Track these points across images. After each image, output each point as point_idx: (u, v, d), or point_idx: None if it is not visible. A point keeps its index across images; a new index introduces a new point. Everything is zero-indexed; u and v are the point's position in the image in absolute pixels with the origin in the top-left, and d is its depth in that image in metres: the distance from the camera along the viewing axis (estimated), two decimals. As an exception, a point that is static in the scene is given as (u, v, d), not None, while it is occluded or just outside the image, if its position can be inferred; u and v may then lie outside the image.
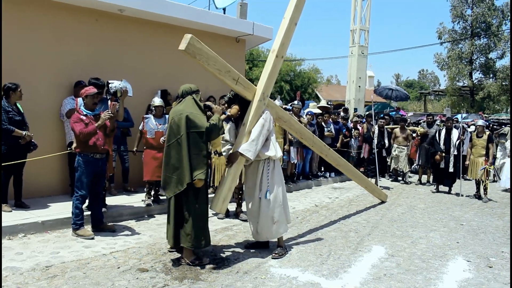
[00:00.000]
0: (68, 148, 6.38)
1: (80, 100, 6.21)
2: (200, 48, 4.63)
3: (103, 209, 6.14)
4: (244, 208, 7.15)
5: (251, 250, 5.23)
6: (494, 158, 11.57)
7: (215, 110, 4.92)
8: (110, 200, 6.91)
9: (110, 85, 5.97)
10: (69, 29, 7.45)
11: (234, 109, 5.27)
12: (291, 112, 9.72)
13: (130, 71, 8.05)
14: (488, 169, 9.71)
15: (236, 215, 6.99)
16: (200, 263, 4.63)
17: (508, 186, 11.07)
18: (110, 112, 5.58)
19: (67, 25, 7.43)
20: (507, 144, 12.10)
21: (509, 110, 37.96)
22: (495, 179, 11.82)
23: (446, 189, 10.39)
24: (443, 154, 10.10)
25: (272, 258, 4.92)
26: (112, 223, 6.12)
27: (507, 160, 11.37)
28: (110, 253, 4.95)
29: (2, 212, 5.61)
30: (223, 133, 5.00)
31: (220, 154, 6.51)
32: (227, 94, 8.18)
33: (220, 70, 4.89)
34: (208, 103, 5.25)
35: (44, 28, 7.14)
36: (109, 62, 7.91)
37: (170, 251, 5.04)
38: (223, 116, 5.08)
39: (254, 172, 5.08)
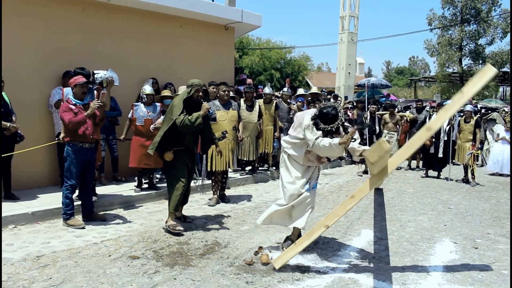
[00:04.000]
0: (56, 139, 6.36)
1: (66, 90, 6.20)
2: None
3: (94, 199, 6.14)
4: (227, 192, 7.48)
5: (242, 237, 5.27)
6: (482, 143, 11.70)
7: (202, 107, 5.40)
8: (101, 190, 6.93)
9: (95, 75, 5.95)
10: (56, 19, 7.38)
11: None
12: (281, 99, 9.76)
13: (119, 61, 8.01)
14: (475, 154, 9.83)
15: (221, 198, 7.14)
16: (174, 229, 5.24)
17: (495, 170, 11.24)
18: (99, 101, 5.56)
19: (55, 15, 7.37)
20: (495, 128, 12.25)
21: (498, 96, 38.27)
22: (483, 164, 11.95)
23: (435, 174, 10.50)
24: (433, 140, 10.18)
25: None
26: (103, 212, 6.15)
27: (495, 144, 11.51)
28: (101, 242, 4.97)
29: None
30: (199, 127, 5.34)
31: (218, 139, 6.57)
32: (215, 81, 8.25)
33: None
34: (205, 103, 5.50)
35: (32, 18, 7.07)
36: (98, 52, 7.86)
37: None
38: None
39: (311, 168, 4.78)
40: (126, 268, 4.19)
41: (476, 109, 15.24)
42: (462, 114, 10.24)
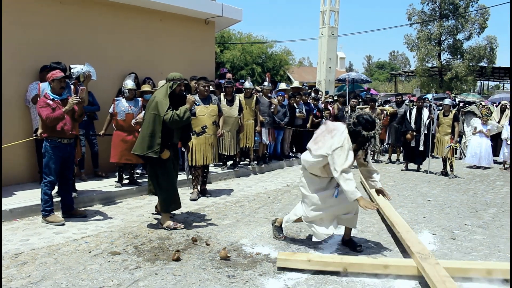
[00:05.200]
0: (34, 135, 6.26)
1: (43, 85, 6.10)
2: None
3: (73, 195, 6.08)
4: (208, 186, 7.52)
5: (224, 231, 5.28)
6: (460, 136, 11.89)
7: (187, 99, 5.29)
8: (81, 186, 6.86)
9: (72, 70, 5.86)
10: (33, 12, 7.24)
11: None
12: (261, 93, 9.76)
13: (97, 55, 7.92)
14: (454, 147, 9.99)
15: (202, 192, 7.17)
16: (175, 228, 5.25)
17: (473, 163, 11.45)
18: (78, 97, 5.49)
19: (31, 8, 7.22)
20: (472, 121, 12.46)
21: (476, 90, 38.91)
22: (461, 157, 12.16)
23: (415, 167, 10.64)
24: (414, 133, 10.30)
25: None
26: (83, 209, 6.08)
27: (472, 138, 11.72)
28: (81, 238, 4.92)
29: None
30: (188, 121, 5.33)
31: (198, 134, 6.56)
32: (197, 76, 8.21)
33: None
34: (190, 96, 5.41)
35: (8, 12, 6.91)
36: (76, 46, 7.74)
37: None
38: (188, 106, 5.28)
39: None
40: (106, 264, 4.16)
41: (454, 103, 15.48)
42: (441, 108, 10.38)
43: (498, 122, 12.25)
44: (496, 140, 11.95)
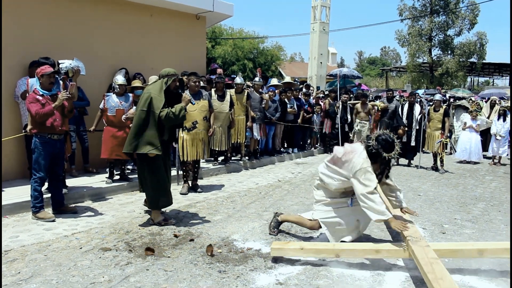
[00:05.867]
0: (24, 131, 6.20)
1: (31, 81, 6.04)
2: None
3: (64, 191, 6.05)
4: (200, 182, 7.48)
5: (215, 226, 5.28)
6: (450, 131, 11.97)
7: (183, 98, 5.25)
8: (71, 182, 6.82)
9: (60, 65, 5.80)
10: (23, 8, 7.16)
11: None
12: (252, 89, 9.75)
13: (86, 50, 7.86)
14: (444, 142, 10.07)
15: (193, 188, 7.16)
16: (166, 223, 5.23)
17: (463, 158, 11.54)
18: (68, 93, 5.44)
19: (22, 4, 7.14)
20: (462, 117, 12.54)
21: (466, 86, 39.16)
22: (451, 152, 12.24)
23: (406, 162, 10.70)
24: (406, 129, 10.34)
25: None
26: (73, 205, 6.05)
27: (462, 133, 11.80)
28: (72, 235, 4.90)
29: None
30: (183, 120, 5.31)
31: (189, 129, 6.54)
32: (188, 71, 8.19)
33: None
34: (185, 94, 5.38)
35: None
36: (66, 41, 7.67)
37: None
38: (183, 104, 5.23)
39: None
40: (97, 260, 4.15)
41: (445, 98, 15.58)
42: (431, 103, 10.44)
43: (488, 117, 12.34)
44: (485, 135, 12.05)
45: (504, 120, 11.59)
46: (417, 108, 10.37)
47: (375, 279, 3.88)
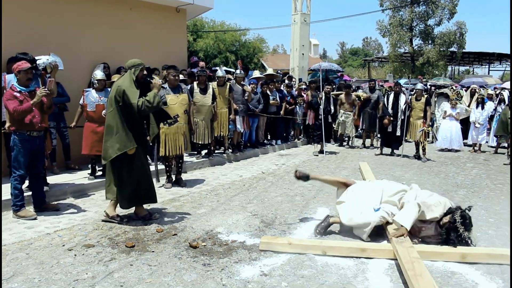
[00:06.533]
0: (2, 128, 6.08)
1: (8, 77, 5.93)
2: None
3: (45, 188, 5.96)
4: (183, 176, 7.47)
5: (199, 220, 5.27)
6: (432, 120, 12.11)
7: (153, 84, 5.02)
8: (53, 179, 6.72)
9: (37, 61, 5.69)
10: (-3, 2, 7.01)
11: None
12: (234, 81, 9.71)
13: (65, 45, 7.73)
14: (426, 131, 10.18)
15: (177, 182, 7.14)
16: (150, 218, 5.19)
17: (444, 146, 11.70)
18: (46, 89, 5.35)
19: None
20: (442, 106, 12.70)
21: (447, 75, 39.59)
22: (433, 140, 12.39)
23: (389, 151, 10.78)
24: (391, 118, 10.40)
25: None
26: (55, 202, 5.97)
27: (443, 121, 11.95)
28: (54, 232, 4.84)
29: None
30: (159, 107, 5.01)
31: (169, 124, 6.49)
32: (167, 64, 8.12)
33: None
34: (155, 78, 5.19)
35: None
36: (45, 36, 7.53)
37: None
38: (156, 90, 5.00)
39: None
40: (80, 257, 4.11)
41: (426, 87, 15.72)
42: (413, 92, 10.52)
43: (468, 105, 12.52)
44: (466, 124, 12.21)
45: (483, 108, 11.82)
46: (402, 98, 10.42)
47: (359, 267, 3.92)
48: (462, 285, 3.60)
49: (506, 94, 12.09)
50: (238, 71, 9.97)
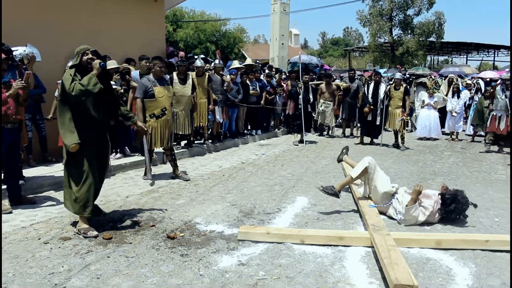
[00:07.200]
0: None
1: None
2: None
3: (21, 182, 5.86)
4: (162, 166, 7.47)
5: (178, 211, 5.25)
6: (411, 109, 12.25)
7: (93, 65, 4.40)
8: (29, 172, 6.62)
9: (14, 53, 5.58)
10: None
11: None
12: (213, 71, 9.65)
13: (40, 35, 7.57)
14: (405, 120, 10.29)
15: (178, 177, 6.96)
16: (85, 235, 4.39)
17: (423, 135, 11.85)
18: (23, 81, 5.24)
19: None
20: (420, 95, 12.84)
21: (426, 65, 40.01)
22: (412, 129, 12.54)
23: (369, 140, 10.87)
24: (371, 107, 10.46)
25: None
26: (32, 195, 5.88)
27: (422, 110, 12.11)
28: (30, 225, 4.76)
29: None
30: (95, 90, 4.29)
31: (158, 116, 6.41)
32: (146, 55, 8.05)
33: None
34: (96, 61, 4.43)
35: None
36: (20, 26, 7.36)
37: None
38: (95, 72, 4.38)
39: None
40: (57, 250, 4.06)
41: (405, 77, 15.86)
42: (392, 82, 10.60)
43: (446, 95, 12.68)
44: (444, 113, 12.37)
45: (458, 97, 12.00)
46: (382, 87, 10.48)
47: (336, 255, 3.96)
48: (436, 271, 3.66)
49: (482, 83, 12.29)
50: (216, 61, 9.92)
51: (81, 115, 4.42)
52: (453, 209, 4.75)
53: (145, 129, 5.15)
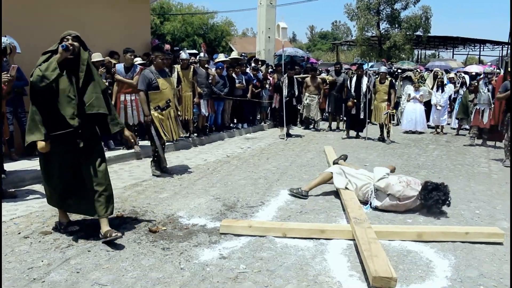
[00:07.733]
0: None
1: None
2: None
3: (2, 176, 5.78)
4: (146, 160, 7.29)
5: (161, 204, 5.22)
6: (397, 103, 12.31)
7: (58, 50, 3.94)
8: (11, 166, 6.53)
9: None
10: None
11: None
12: (198, 64, 9.59)
13: (24, 27, 7.45)
14: (391, 114, 10.34)
15: (165, 171, 6.87)
16: (65, 229, 4.33)
17: (409, 128, 11.93)
18: (8, 75, 5.15)
19: None
20: (406, 89, 12.91)
21: (414, 59, 40.22)
22: (398, 123, 12.61)
23: (354, 134, 10.91)
24: (355, 101, 10.47)
25: None
26: (13, 189, 5.80)
27: (407, 104, 12.17)
28: (10, 220, 4.70)
29: None
30: (53, 77, 3.78)
31: (162, 109, 6.34)
32: (131, 48, 7.97)
33: None
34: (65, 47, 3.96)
35: None
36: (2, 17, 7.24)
37: None
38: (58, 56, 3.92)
39: None
40: (37, 244, 4.01)
41: (391, 70, 15.94)
42: (377, 75, 10.63)
43: (432, 88, 12.76)
44: (429, 106, 12.46)
45: (443, 91, 12.09)
46: (364, 81, 10.50)
47: (317, 248, 3.97)
48: (416, 263, 3.69)
49: (467, 77, 12.38)
50: (202, 54, 9.85)
51: (48, 108, 3.95)
52: (433, 196, 4.83)
53: (132, 140, 4.63)
